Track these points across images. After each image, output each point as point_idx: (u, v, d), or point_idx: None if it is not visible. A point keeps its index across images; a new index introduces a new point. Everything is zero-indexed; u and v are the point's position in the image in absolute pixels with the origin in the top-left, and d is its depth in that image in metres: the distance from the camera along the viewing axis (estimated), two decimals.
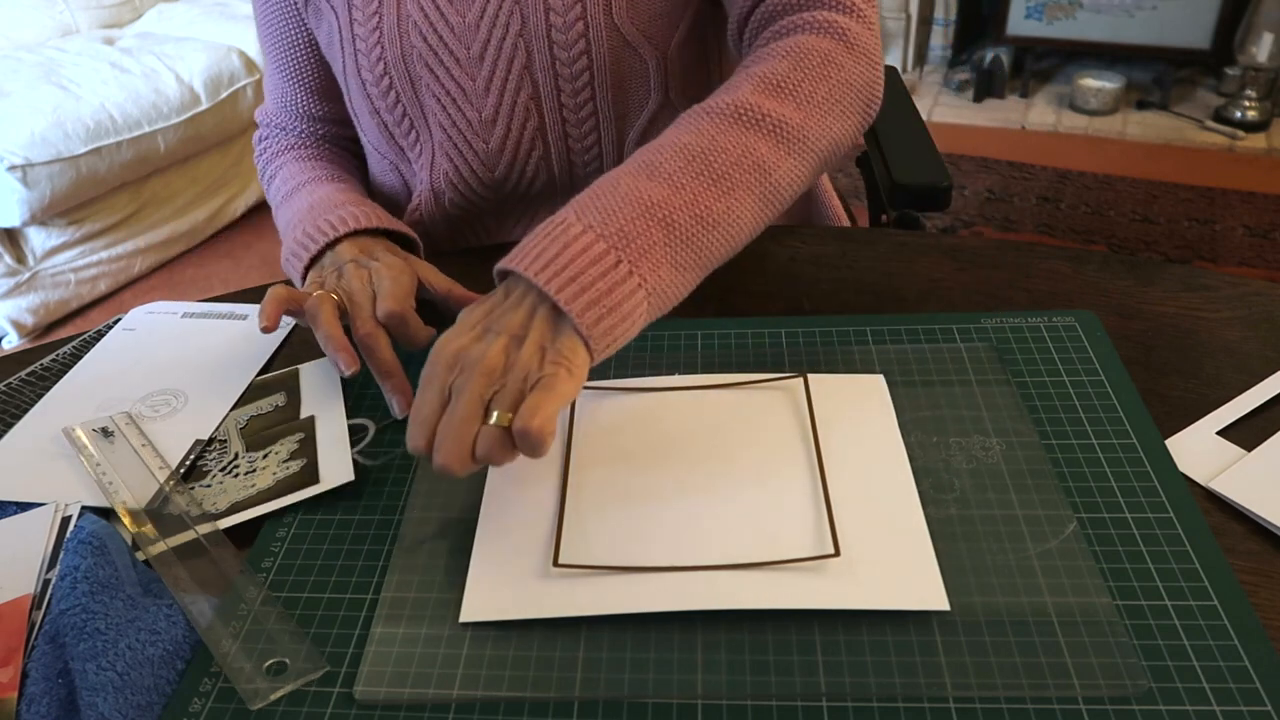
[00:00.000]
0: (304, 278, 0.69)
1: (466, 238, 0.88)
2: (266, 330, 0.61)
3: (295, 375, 0.66)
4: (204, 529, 0.53)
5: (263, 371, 0.67)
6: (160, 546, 0.52)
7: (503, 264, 0.53)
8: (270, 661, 0.45)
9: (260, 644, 0.46)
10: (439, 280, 0.69)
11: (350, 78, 0.79)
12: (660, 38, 0.73)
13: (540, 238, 0.52)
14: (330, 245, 0.69)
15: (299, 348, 0.70)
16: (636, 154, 0.57)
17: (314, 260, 0.69)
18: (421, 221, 0.85)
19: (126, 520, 0.53)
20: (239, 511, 0.54)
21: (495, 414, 0.47)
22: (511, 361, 0.49)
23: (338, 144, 0.90)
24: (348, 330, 0.64)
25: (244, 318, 0.73)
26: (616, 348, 0.52)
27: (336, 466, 0.56)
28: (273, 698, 0.44)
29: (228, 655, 0.45)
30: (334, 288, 0.65)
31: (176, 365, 0.68)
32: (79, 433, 0.60)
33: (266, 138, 0.90)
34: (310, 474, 0.56)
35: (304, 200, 0.77)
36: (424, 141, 0.80)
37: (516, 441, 0.47)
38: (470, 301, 0.61)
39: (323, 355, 0.67)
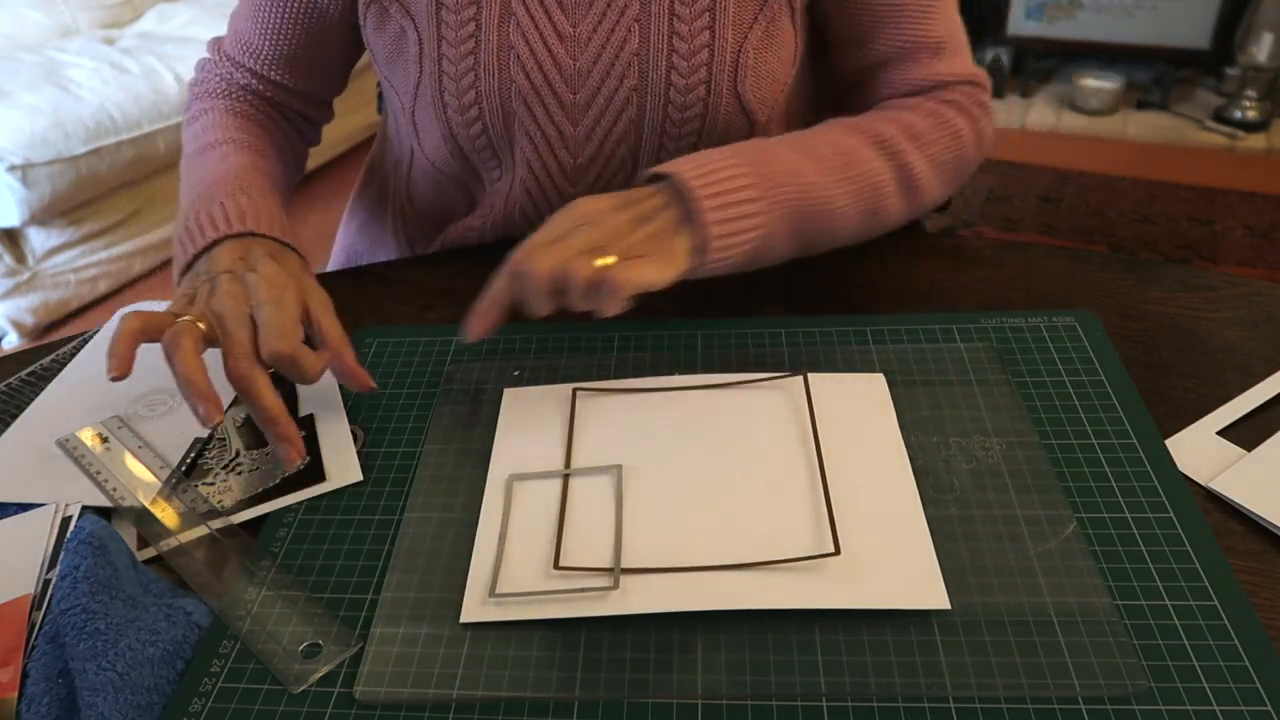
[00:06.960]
0: (180, 276, 0.62)
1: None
2: (118, 379, 0.51)
3: None
4: (216, 523, 0.53)
5: None
6: (174, 541, 0.52)
7: (657, 169, 0.59)
8: (304, 644, 0.46)
9: (290, 627, 0.47)
10: (330, 327, 0.59)
11: (429, 99, 0.72)
12: (772, 99, 0.72)
13: (695, 158, 0.59)
14: (209, 246, 0.61)
15: None
16: (793, 134, 0.64)
17: (196, 258, 0.62)
18: (477, 232, 0.80)
19: (150, 509, 0.53)
20: (248, 508, 0.54)
21: (600, 258, 0.53)
22: (629, 231, 0.55)
23: (285, 113, 0.81)
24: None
25: None
26: (718, 265, 0.57)
27: (343, 465, 0.56)
28: (312, 679, 0.44)
29: (260, 641, 0.46)
30: (203, 309, 0.56)
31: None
32: (79, 436, 0.60)
33: (214, 65, 0.79)
34: (315, 471, 0.56)
35: (212, 166, 0.69)
36: (505, 172, 0.76)
37: (599, 287, 0.52)
38: (357, 374, 0.58)
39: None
